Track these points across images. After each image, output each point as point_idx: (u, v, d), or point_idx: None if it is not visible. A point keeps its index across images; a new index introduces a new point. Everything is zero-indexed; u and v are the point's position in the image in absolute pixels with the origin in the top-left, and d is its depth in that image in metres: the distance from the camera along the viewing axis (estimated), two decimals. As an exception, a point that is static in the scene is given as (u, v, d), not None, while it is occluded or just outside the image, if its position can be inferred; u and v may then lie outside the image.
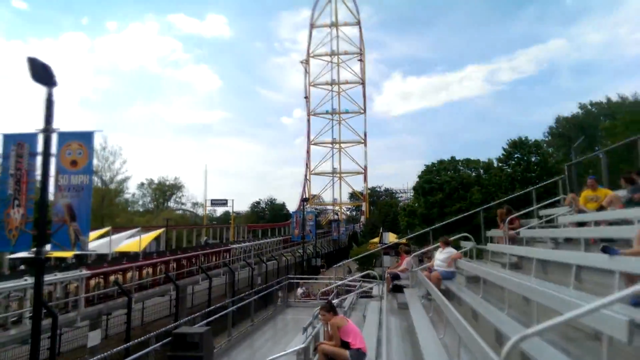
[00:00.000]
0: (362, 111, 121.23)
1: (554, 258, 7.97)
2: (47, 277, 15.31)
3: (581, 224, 9.58)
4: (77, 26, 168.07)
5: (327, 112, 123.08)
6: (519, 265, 10.46)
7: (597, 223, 8.86)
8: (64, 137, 10.17)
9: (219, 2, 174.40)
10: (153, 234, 38.40)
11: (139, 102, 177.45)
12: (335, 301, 14.11)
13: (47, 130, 9.39)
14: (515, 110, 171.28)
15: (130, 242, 31.80)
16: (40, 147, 9.58)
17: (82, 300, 18.08)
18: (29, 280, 14.87)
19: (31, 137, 10.10)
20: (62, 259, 24.95)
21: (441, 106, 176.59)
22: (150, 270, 23.45)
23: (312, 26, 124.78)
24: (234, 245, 39.23)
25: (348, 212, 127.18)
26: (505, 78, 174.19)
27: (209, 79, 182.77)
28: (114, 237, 29.07)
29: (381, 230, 57.16)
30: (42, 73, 8.84)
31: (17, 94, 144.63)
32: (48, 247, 9.68)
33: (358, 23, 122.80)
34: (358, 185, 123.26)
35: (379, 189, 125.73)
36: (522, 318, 6.46)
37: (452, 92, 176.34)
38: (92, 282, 18.92)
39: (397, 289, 14.21)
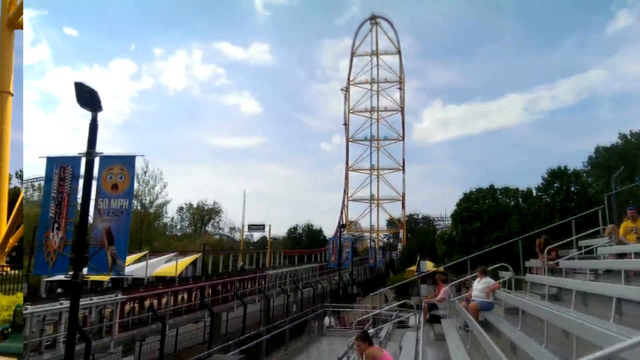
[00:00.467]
0: (400, 138, 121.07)
1: (593, 290, 7.73)
2: (83, 301, 15.51)
3: (621, 255, 9.33)
4: (125, 52, 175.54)
5: (365, 139, 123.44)
6: (559, 296, 10.14)
7: (638, 255, 8.61)
8: (107, 160, 10.33)
9: (263, 32, 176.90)
10: (189, 258, 38.73)
11: (181, 126, 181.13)
12: (371, 331, 13.89)
13: (90, 153, 9.63)
14: (554, 140, 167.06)
15: (167, 266, 32.14)
16: (83, 171, 9.80)
17: (116, 325, 18.25)
18: (65, 303, 15.07)
19: (74, 161, 10.32)
20: (99, 283, 25.39)
21: (480, 134, 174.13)
22: (185, 295, 23.60)
23: (353, 54, 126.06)
24: (270, 272, 39.24)
25: (385, 239, 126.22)
26: (545, 107, 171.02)
27: (250, 104, 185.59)
28: (151, 261, 29.50)
29: (418, 258, 56.25)
30: (88, 98, 9.15)
31: (66, 118, 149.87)
32: (85, 270, 9.83)
33: (398, 52, 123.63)
34: (396, 212, 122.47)
35: (416, 216, 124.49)
36: (561, 351, 6.23)
37: (491, 120, 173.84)
38: (127, 306, 19.12)
39: (434, 319, 13.89)
